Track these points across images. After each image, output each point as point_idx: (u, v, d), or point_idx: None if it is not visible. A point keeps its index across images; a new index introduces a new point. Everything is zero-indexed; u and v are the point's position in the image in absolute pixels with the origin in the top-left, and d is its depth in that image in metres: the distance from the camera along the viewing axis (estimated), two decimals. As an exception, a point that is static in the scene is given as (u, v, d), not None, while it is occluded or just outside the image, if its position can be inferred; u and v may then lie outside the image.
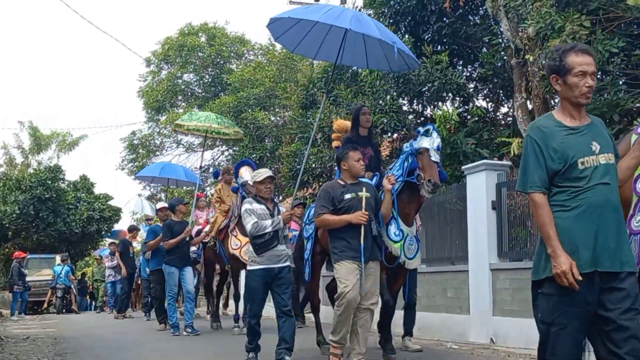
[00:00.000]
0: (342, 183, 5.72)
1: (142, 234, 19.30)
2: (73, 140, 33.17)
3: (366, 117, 6.74)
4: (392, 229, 5.96)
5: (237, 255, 8.99)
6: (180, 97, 26.03)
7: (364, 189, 5.67)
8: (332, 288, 10.52)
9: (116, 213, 27.73)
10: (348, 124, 7.18)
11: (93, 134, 71.18)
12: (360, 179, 5.82)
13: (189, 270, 9.63)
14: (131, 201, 19.58)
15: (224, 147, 22.42)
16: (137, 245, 19.24)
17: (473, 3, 11.11)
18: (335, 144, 7.32)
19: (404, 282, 6.69)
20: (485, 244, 7.93)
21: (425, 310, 8.93)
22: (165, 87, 25.20)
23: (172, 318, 9.55)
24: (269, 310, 9.55)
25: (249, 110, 18.66)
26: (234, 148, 19.90)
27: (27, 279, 18.08)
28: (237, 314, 9.54)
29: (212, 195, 11.24)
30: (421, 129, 6.09)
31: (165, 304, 10.25)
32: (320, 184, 12.94)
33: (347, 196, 5.58)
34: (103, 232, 26.91)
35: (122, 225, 26.28)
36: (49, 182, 25.22)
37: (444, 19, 11.14)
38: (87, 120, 77.05)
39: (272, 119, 17.60)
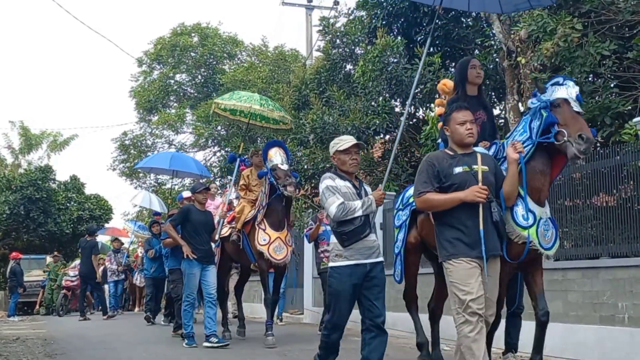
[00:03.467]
0: (451, 153, 4.34)
1: (131, 227, 19.14)
2: (64, 140, 33.07)
3: (476, 72, 5.41)
4: (520, 210, 4.52)
5: (265, 253, 7.84)
6: (172, 98, 25.95)
7: (479, 159, 4.29)
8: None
9: (107, 213, 27.64)
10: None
11: (84, 134, 70.86)
12: (474, 148, 4.46)
13: (212, 270, 8.13)
14: (138, 195, 18.16)
15: (216, 148, 22.37)
16: (127, 245, 19.07)
17: (465, 5, 11.12)
18: (438, 111, 6.06)
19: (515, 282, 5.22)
20: (477, 245, 7.92)
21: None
22: (157, 88, 25.12)
23: (187, 327, 7.99)
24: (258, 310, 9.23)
25: (242, 111, 18.59)
26: (227, 149, 19.85)
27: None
28: (270, 320, 7.99)
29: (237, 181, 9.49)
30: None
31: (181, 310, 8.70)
32: (313, 185, 12.98)
33: (458, 170, 4.21)
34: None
35: (112, 225, 26.17)
36: (40, 182, 25.12)
37: (437, 20, 11.16)
38: (78, 120, 76.83)
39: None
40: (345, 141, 4.77)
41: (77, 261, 17.29)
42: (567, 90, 4.48)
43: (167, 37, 25.49)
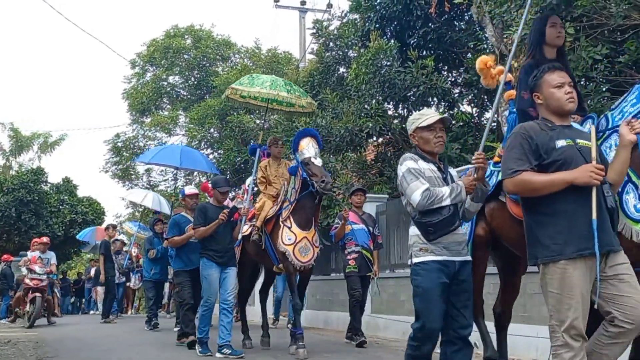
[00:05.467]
0: (549, 124, 3.47)
1: (132, 228, 18.80)
2: (54, 140, 32.94)
3: (557, 31, 4.54)
4: (631, 199, 3.68)
5: (290, 254, 7.01)
6: (165, 100, 25.93)
7: (593, 132, 3.39)
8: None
9: (99, 216, 27.54)
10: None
11: (77, 136, 70.55)
12: (573, 123, 3.63)
13: (232, 273, 7.37)
14: (147, 196, 16.86)
15: (209, 150, 22.36)
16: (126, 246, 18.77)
17: (459, 9, 11.19)
18: (508, 94, 5.16)
19: None
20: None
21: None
22: (150, 89, 25.08)
23: (202, 332, 7.23)
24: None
25: (234, 114, 18.63)
26: (219, 151, 19.83)
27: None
28: (299, 328, 7.12)
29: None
30: None
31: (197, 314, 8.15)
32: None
33: (561, 143, 3.36)
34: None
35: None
36: (32, 184, 25.02)
37: (430, 24, 11.21)
38: (70, 122, 76.58)
39: (258, 122, 17.57)
40: (428, 116, 4.03)
41: (35, 253, 14.47)
42: None
43: (160, 39, 25.47)
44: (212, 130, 20.76)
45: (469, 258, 3.99)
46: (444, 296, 3.81)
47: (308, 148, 6.96)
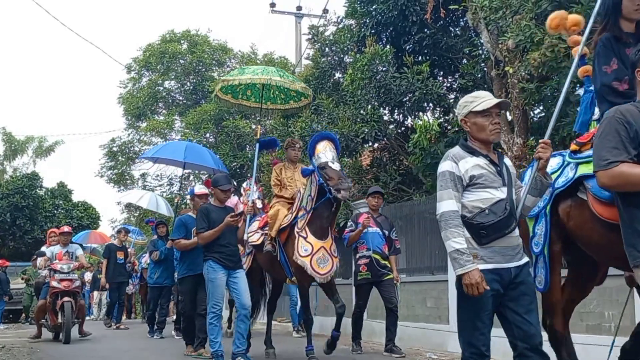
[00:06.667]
0: None
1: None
2: (49, 145, 32.90)
3: (635, 4, 3.77)
4: None
5: (307, 266, 6.54)
6: (161, 104, 25.93)
7: None
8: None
9: (94, 220, 27.50)
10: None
11: (72, 141, 70.38)
12: None
13: (242, 275, 6.78)
14: (144, 197, 16.09)
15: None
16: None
17: (454, 15, 11.23)
18: (583, 70, 4.15)
19: None
20: (465, 253, 7.90)
21: (405, 320, 8.95)
22: (145, 94, 25.08)
23: (215, 344, 6.63)
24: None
25: (230, 119, 18.64)
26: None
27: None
28: (311, 345, 6.98)
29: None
30: None
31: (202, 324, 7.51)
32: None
33: None
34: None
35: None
36: (26, 189, 25.00)
37: (425, 30, 11.23)
38: (65, 127, 76.37)
39: (253, 127, 17.58)
40: (484, 99, 3.47)
41: (56, 248, 11.46)
42: None
43: (156, 44, 25.47)
44: (207, 135, 20.76)
45: (525, 260, 3.46)
46: (494, 309, 3.36)
47: (325, 152, 6.52)
